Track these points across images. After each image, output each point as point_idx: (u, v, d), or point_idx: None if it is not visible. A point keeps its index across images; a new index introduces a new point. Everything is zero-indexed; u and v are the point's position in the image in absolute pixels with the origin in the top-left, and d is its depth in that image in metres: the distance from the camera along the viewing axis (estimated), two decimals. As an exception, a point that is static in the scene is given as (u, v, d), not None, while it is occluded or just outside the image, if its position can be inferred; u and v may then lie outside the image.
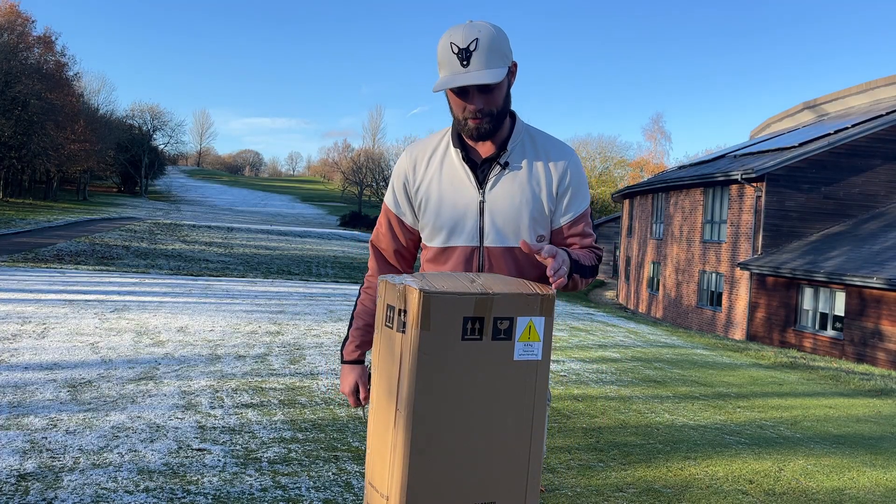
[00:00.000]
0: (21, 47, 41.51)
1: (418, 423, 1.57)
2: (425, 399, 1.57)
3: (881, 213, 18.80)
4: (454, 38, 1.80)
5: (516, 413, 1.66)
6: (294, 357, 6.60)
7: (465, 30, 1.81)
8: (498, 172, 1.92)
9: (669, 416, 5.54)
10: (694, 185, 22.69)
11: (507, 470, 1.67)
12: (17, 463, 3.44)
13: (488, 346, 1.62)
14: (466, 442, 1.62)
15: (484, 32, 1.81)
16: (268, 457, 3.81)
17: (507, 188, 1.92)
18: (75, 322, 7.54)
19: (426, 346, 1.56)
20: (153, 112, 77.41)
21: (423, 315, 1.56)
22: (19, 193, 47.51)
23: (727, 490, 3.90)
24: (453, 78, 1.81)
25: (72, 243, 21.30)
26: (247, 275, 16.56)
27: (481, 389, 1.63)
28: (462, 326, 1.59)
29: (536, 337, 1.67)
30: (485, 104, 1.84)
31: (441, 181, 1.95)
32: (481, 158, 1.94)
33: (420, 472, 1.58)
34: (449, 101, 1.90)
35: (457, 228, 1.93)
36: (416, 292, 1.56)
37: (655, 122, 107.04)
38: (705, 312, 21.80)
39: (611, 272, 45.26)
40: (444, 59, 1.82)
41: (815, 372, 8.69)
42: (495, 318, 1.62)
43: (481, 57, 1.79)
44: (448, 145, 1.97)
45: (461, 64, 1.80)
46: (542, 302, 1.68)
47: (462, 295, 1.59)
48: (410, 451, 1.57)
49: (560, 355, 7.94)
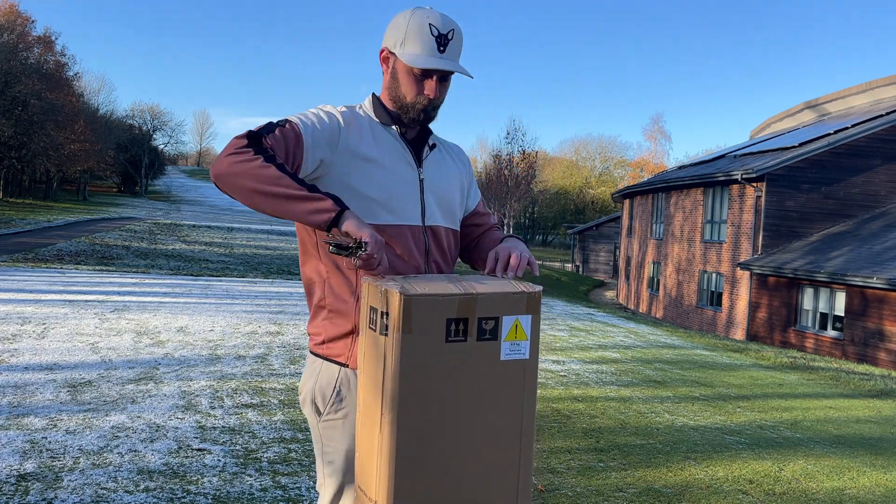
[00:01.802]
0: (21, 47, 41.51)
1: (403, 428, 1.55)
2: (410, 403, 1.55)
3: (882, 212, 18.79)
4: (432, 20, 1.77)
5: (505, 414, 1.65)
6: (294, 357, 6.60)
7: (442, 17, 1.79)
8: (428, 153, 1.92)
9: (670, 416, 5.53)
10: (694, 185, 22.68)
11: (497, 472, 1.65)
12: (17, 463, 3.44)
13: (473, 346, 1.60)
14: (455, 445, 1.60)
15: (457, 26, 1.82)
16: (268, 457, 3.81)
17: (439, 169, 1.94)
18: (75, 322, 7.54)
19: (409, 350, 1.54)
20: (153, 112, 77.47)
21: (405, 318, 1.53)
22: (19, 193, 47.52)
23: (727, 490, 3.90)
24: (437, 60, 1.77)
25: (72, 243, 21.30)
26: (247, 275, 16.56)
27: (468, 391, 1.60)
28: (445, 328, 1.57)
29: (523, 336, 1.65)
30: (440, 94, 1.84)
31: (382, 155, 1.81)
32: (412, 138, 1.91)
33: (407, 476, 1.56)
34: (399, 78, 1.82)
35: (402, 206, 1.81)
36: (396, 295, 1.53)
37: (655, 122, 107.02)
38: (706, 312, 21.79)
39: (611, 272, 45.25)
40: (415, 37, 1.77)
41: (815, 372, 8.69)
42: (480, 318, 1.60)
43: (455, 48, 1.81)
44: (374, 122, 1.86)
45: (438, 49, 1.77)
46: (527, 300, 1.65)
47: (444, 296, 1.57)
48: (397, 455, 1.55)
49: (560, 355, 7.94)
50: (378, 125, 1.86)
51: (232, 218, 45.44)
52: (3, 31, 39.51)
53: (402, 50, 1.79)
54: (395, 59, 1.82)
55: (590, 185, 72.88)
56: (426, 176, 1.88)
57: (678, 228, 23.89)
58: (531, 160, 35.60)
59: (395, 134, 1.86)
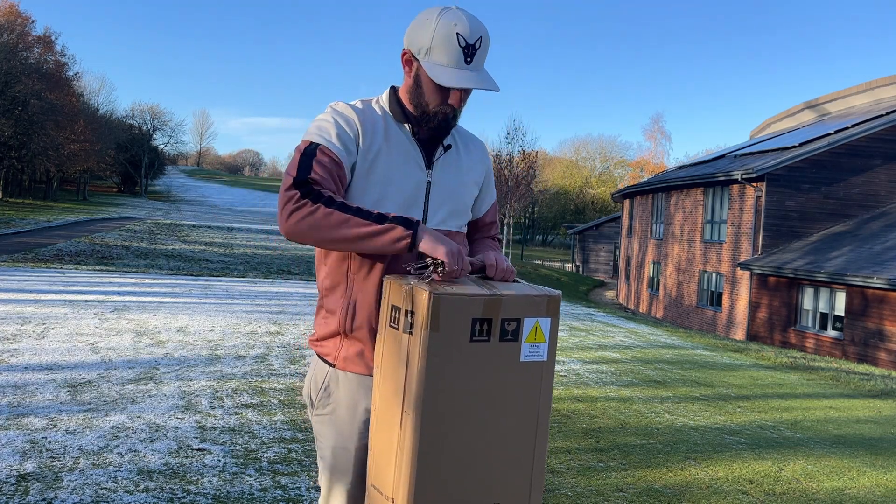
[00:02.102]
0: (21, 47, 41.49)
1: (427, 425, 1.57)
2: (434, 400, 1.57)
3: (882, 212, 18.79)
4: (460, 30, 1.70)
5: (522, 414, 1.67)
6: (294, 357, 6.60)
7: (471, 23, 1.71)
8: (441, 154, 1.86)
9: (670, 416, 5.53)
10: (694, 185, 22.68)
11: (512, 470, 1.67)
12: (17, 463, 3.44)
13: (496, 347, 1.62)
14: (473, 443, 1.62)
15: (484, 31, 1.74)
16: (268, 457, 3.81)
17: (450, 171, 1.87)
18: (75, 322, 7.54)
19: (435, 348, 1.56)
20: (153, 112, 77.42)
21: (433, 316, 1.55)
22: (19, 193, 47.50)
23: (727, 490, 3.90)
24: (462, 76, 1.72)
25: (72, 243, 21.30)
26: (247, 275, 16.56)
27: (488, 391, 1.63)
28: (471, 328, 1.58)
29: (542, 338, 1.67)
30: (463, 102, 1.80)
31: (391, 155, 1.79)
32: (426, 137, 1.85)
33: (427, 473, 1.58)
34: (423, 86, 1.77)
35: (403, 208, 1.78)
36: (425, 293, 1.55)
37: (655, 122, 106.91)
38: (706, 312, 21.79)
39: (611, 272, 45.25)
40: (443, 47, 1.71)
41: (815, 372, 8.68)
42: (503, 320, 1.62)
43: (482, 57, 1.75)
44: (388, 118, 1.82)
45: (465, 60, 1.72)
46: (548, 303, 1.68)
47: (472, 297, 1.58)
48: (419, 452, 1.56)
49: (560, 355, 7.93)
50: (392, 122, 1.83)
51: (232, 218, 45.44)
52: (3, 31, 39.50)
53: (428, 59, 1.74)
54: (419, 65, 1.76)
55: (590, 185, 72.87)
56: (434, 178, 1.84)
57: (678, 228, 23.89)
58: (531, 160, 35.53)
59: (407, 133, 1.82)
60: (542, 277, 34.88)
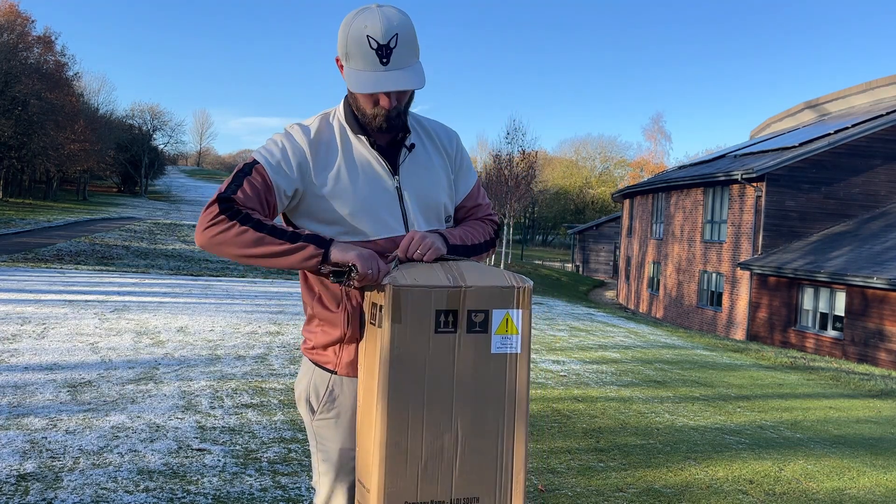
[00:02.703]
0: (21, 47, 41.49)
1: (393, 415, 1.58)
2: (398, 391, 1.58)
3: (882, 212, 18.79)
4: (371, 32, 1.64)
5: (495, 406, 1.66)
6: (294, 357, 6.60)
7: (383, 22, 1.65)
8: (405, 156, 1.83)
9: (670, 416, 5.53)
10: (694, 185, 22.68)
11: (489, 465, 1.66)
12: (17, 463, 3.44)
13: (463, 339, 1.62)
14: (445, 435, 1.62)
15: (401, 27, 1.67)
16: (268, 457, 3.81)
17: (419, 172, 1.84)
18: (75, 322, 7.54)
19: (398, 340, 1.58)
20: (153, 112, 77.38)
21: (394, 308, 1.57)
22: (19, 193, 47.49)
23: (727, 490, 3.90)
24: (378, 79, 1.67)
25: (72, 243, 21.30)
26: (247, 275, 16.57)
27: (458, 382, 1.63)
28: (435, 319, 1.59)
29: (514, 330, 1.67)
30: (398, 101, 1.74)
31: (351, 169, 1.77)
32: (385, 142, 1.82)
33: (396, 465, 1.59)
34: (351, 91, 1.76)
35: (380, 220, 1.77)
36: (388, 286, 1.57)
37: (655, 122, 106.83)
38: (706, 312, 21.79)
39: (611, 272, 45.26)
40: (356, 52, 1.67)
41: (815, 372, 8.69)
42: (469, 311, 1.62)
43: (401, 54, 1.67)
44: (344, 131, 1.81)
45: (381, 62, 1.66)
46: (518, 294, 1.67)
47: (433, 288, 1.59)
48: (386, 443, 1.58)
49: (560, 355, 7.94)
50: (349, 135, 1.81)
51: (232, 218, 45.38)
52: (3, 31, 39.49)
53: (347, 65, 1.71)
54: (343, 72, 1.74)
55: (590, 185, 72.87)
56: (403, 183, 1.81)
57: (678, 228, 23.89)
58: (531, 160, 35.52)
59: (365, 143, 1.79)
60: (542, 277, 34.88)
